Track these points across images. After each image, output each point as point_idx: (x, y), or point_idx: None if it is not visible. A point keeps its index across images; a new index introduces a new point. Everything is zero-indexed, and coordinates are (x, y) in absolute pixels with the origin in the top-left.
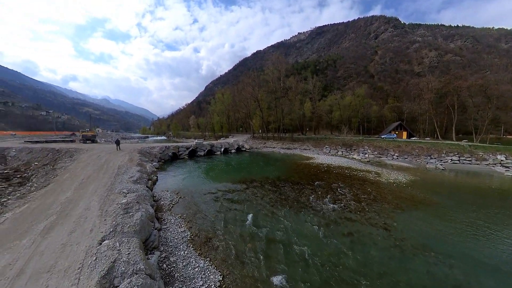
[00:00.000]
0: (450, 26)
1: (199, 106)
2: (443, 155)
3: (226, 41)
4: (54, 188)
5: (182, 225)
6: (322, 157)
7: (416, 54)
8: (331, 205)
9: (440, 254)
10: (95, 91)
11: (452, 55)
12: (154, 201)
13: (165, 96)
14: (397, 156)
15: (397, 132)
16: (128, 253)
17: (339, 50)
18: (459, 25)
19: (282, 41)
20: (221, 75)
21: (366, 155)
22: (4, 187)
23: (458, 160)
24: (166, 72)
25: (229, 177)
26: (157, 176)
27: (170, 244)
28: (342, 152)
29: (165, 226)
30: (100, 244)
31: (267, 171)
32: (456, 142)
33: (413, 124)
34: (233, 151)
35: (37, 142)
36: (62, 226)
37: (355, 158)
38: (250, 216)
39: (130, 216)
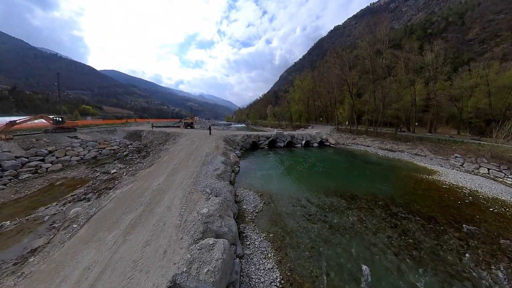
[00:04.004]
0: None
1: (275, 95)
2: None
3: (297, 25)
4: (154, 170)
5: (269, 255)
6: (453, 174)
7: None
8: None
9: None
10: (194, 89)
11: None
12: (236, 202)
13: (243, 89)
14: None
15: None
16: None
17: None
18: None
19: (367, 7)
20: (295, 62)
21: None
22: (135, 157)
23: None
24: (244, 67)
25: (320, 184)
26: (239, 167)
27: None
28: (489, 170)
29: (248, 252)
30: None
31: (372, 185)
32: None
33: None
34: (315, 144)
35: (158, 126)
36: (143, 227)
37: None
38: (365, 269)
39: (208, 250)
